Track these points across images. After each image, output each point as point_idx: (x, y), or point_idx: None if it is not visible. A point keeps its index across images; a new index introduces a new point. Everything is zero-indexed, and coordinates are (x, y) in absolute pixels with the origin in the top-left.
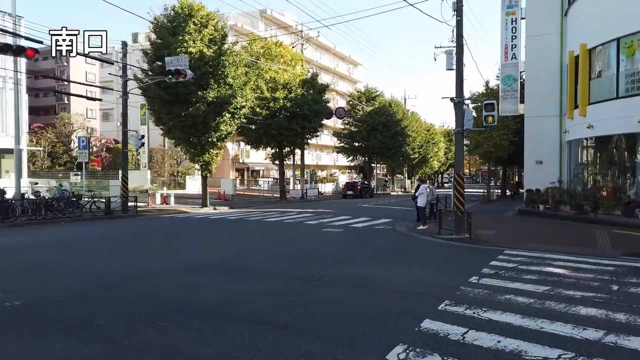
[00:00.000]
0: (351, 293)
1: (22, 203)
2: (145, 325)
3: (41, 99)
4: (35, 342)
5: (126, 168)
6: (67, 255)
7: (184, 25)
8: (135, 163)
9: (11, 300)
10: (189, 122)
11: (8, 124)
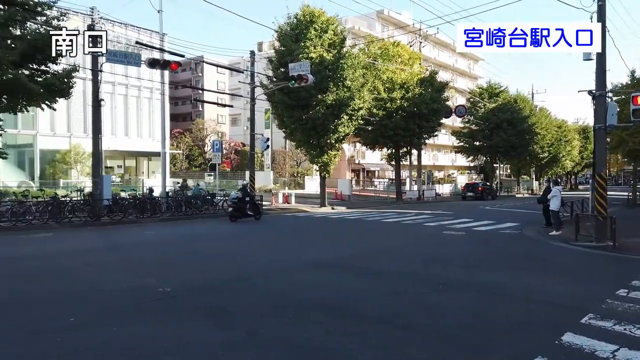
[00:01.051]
0: (480, 299)
1: (167, 200)
2: (274, 317)
3: (180, 107)
4: (180, 325)
5: (253, 169)
6: (206, 248)
7: (306, 31)
8: (259, 164)
9: (163, 287)
10: (310, 125)
11: (154, 130)
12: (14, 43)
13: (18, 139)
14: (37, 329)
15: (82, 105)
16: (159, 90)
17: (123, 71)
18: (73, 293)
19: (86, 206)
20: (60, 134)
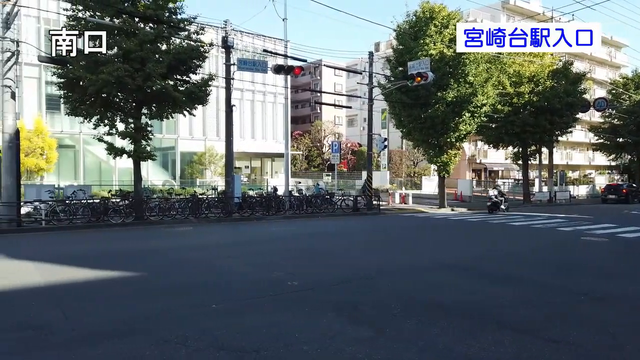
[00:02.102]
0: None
1: (289, 199)
2: (403, 318)
3: (299, 109)
4: (313, 317)
5: (371, 169)
6: (328, 244)
7: (425, 28)
8: (376, 164)
9: (292, 280)
10: (428, 124)
11: (277, 133)
12: (162, 57)
13: (162, 143)
14: (185, 314)
15: (215, 111)
16: (282, 95)
17: (250, 78)
18: (211, 282)
19: (219, 203)
20: (197, 138)
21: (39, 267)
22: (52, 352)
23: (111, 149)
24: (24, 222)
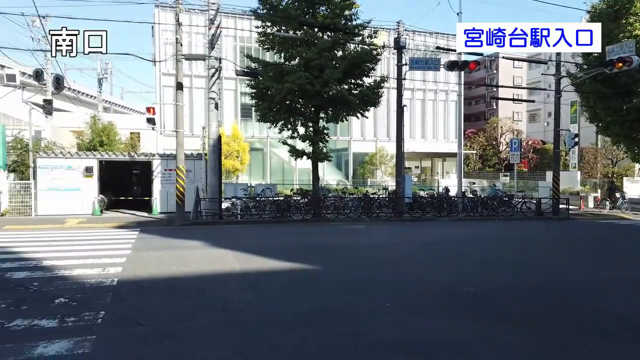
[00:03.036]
0: None
1: (462, 200)
2: (600, 338)
3: (473, 106)
4: (491, 329)
5: (557, 169)
6: (505, 250)
7: (629, 6)
8: (563, 164)
9: (467, 286)
10: (632, 116)
11: (449, 131)
12: (338, 63)
13: (337, 144)
14: (359, 310)
15: (385, 112)
16: (454, 92)
17: (420, 77)
18: (385, 280)
19: (390, 203)
20: (368, 139)
21: (236, 255)
22: (247, 333)
23: (293, 151)
24: (223, 216)
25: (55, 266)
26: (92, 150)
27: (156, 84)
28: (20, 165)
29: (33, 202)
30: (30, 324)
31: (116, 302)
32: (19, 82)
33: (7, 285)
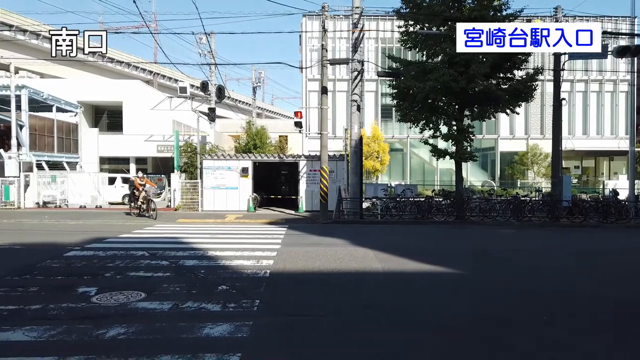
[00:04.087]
0: None
1: (635, 205)
2: None
3: None
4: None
5: None
6: None
7: None
8: None
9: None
10: None
11: (618, 126)
12: (485, 57)
13: (482, 143)
14: (509, 319)
15: (539, 107)
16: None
17: (582, 66)
18: (539, 291)
19: (545, 206)
20: (518, 137)
21: (377, 254)
22: (382, 332)
23: (435, 151)
24: (364, 215)
25: (217, 256)
26: (247, 152)
27: (302, 90)
28: (190, 167)
29: (200, 199)
30: (199, 307)
31: (269, 292)
32: (189, 93)
33: (180, 271)
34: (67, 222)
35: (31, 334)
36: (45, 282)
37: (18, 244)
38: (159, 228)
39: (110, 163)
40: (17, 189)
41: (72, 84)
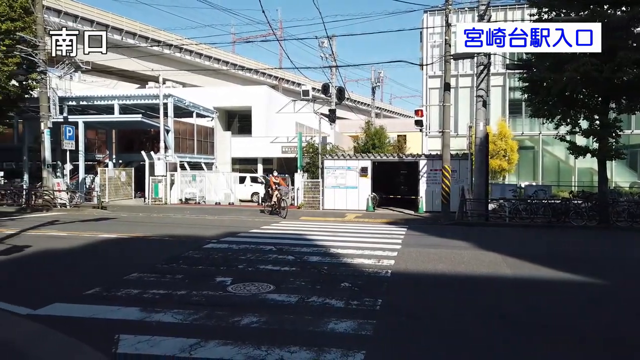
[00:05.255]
0: None
1: None
2: None
3: None
4: None
5: None
6: None
7: None
8: None
9: None
10: None
11: None
12: (635, 42)
13: (631, 139)
14: None
15: None
16: None
17: None
18: None
19: None
20: None
21: (506, 260)
22: (510, 341)
23: (573, 149)
24: (490, 217)
25: (339, 254)
26: (366, 152)
27: (423, 87)
28: (311, 166)
29: (321, 198)
30: (323, 302)
31: (391, 292)
32: (311, 96)
33: (305, 266)
34: (205, 217)
35: (178, 317)
36: (188, 271)
37: (167, 236)
38: (284, 225)
39: (240, 163)
40: (164, 186)
41: (208, 92)
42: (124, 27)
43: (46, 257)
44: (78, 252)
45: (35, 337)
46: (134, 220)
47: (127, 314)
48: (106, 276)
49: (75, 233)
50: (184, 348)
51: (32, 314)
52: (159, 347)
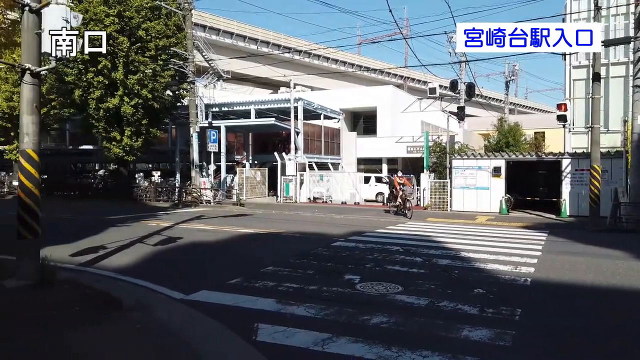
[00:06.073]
0: None
1: None
2: None
3: None
4: None
5: None
6: None
7: None
8: None
9: None
10: None
11: None
12: None
13: None
14: None
15: None
16: None
17: None
18: None
19: None
20: None
21: None
22: None
23: None
24: None
25: (470, 258)
26: (498, 151)
27: (565, 79)
28: (438, 166)
29: (448, 199)
30: (455, 307)
31: (532, 302)
32: (437, 93)
33: (434, 269)
34: (332, 215)
35: (310, 311)
36: (318, 267)
37: (297, 233)
38: (410, 226)
39: (365, 163)
40: (294, 186)
41: (335, 94)
42: (259, 36)
43: (194, 248)
44: (221, 244)
45: (187, 320)
46: (268, 217)
47: (265, 304)
48: (245, 268)
49: (218, 227)
50: (317, 342)
51: (184, 298)
52: (294, 339)
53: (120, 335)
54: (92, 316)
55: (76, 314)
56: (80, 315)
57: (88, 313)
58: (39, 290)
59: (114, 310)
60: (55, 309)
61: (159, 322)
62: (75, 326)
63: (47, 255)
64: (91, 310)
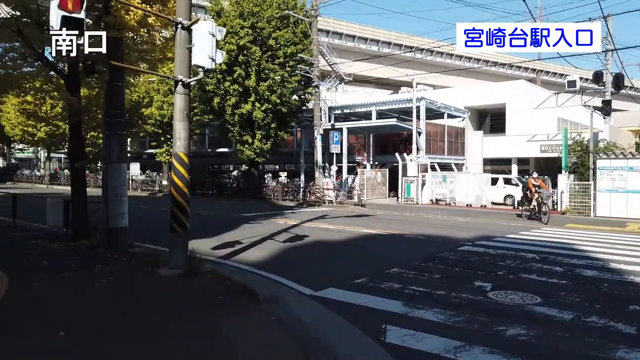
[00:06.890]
0: None
1: None
2: None
3: None
4: None
5: None
6: None
7: None
8: None
9: None
10: None
11: None
12: None
13: None
14: None
15: None
16: None
17: None
18: None
19: None
20: None
21: None
22: None
23: None
24: None
25: (622, 270)
26: None
27: None
28: (579, 167)
29: (591, 203)
30: (606, 324)
31: None
32: (578, 87)
33: (577, 280)
34: (456, 218)
35: (439, 316)
36: (445, 271)
37: (421, 235)
38: (546, 231)
39: (492, 164)
40: (415, 187)
41: (459, 92)
42: (381, 37)
43: (320, 246)
44: (345, 244)
45: (317, 316)
46: (389, 218)
47: (391, 306)
48: (370, 268)
49: (341, 227)
50: (449, 349)
51: (313, 295)
52: (424, 344)
53: (259, 325)
54: (232, 305)
55: (220, 302)
56: (223, 303)
57: (229, 302)
58: (187, 280)
59: (250, 301)
60: (205, 297)
61: (293, 317)
62: (221, 313)
63: (194, 248)
64: (232, 299)
